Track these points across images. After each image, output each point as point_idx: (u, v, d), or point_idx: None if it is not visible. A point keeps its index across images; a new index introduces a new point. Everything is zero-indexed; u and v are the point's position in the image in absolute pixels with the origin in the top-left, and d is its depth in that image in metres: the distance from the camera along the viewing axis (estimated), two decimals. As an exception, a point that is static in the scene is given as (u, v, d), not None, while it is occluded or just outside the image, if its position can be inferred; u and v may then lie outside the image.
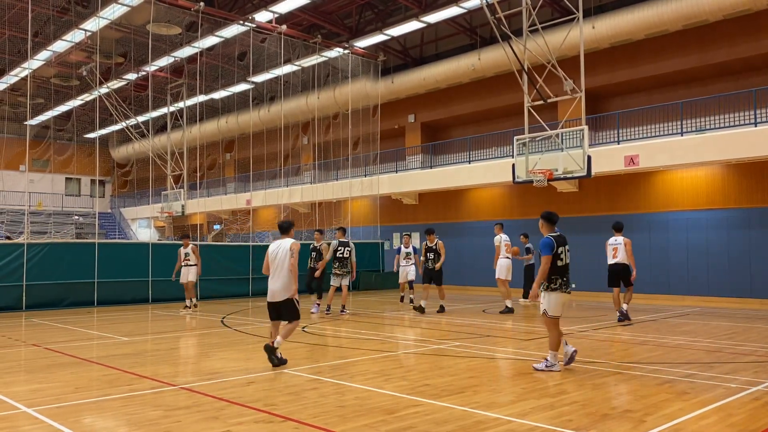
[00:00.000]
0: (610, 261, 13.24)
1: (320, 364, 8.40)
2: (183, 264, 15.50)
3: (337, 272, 14.54)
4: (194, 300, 15.92)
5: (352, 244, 14.93)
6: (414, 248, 16.84)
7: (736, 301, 17.12)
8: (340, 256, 14.48)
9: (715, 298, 17.58)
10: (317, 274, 15.07)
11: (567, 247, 7.90)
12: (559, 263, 7.76)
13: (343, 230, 15.17)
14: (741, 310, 15.71)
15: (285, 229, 8.47)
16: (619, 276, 13.12)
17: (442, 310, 14.88)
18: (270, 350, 8.01)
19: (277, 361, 8.00)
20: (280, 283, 8.11)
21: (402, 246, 16.83)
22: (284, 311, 8.18)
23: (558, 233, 7.98)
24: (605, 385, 6.94)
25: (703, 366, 8.09)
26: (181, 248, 15.69)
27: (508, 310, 14.75)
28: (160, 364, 8.52)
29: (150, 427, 5.35)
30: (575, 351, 7.94)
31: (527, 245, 17.69)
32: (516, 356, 9.05)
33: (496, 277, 15.68)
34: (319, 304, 14.93)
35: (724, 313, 14.74)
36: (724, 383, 7.00)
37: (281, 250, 8.20)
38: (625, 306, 13.13)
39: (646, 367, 8.00)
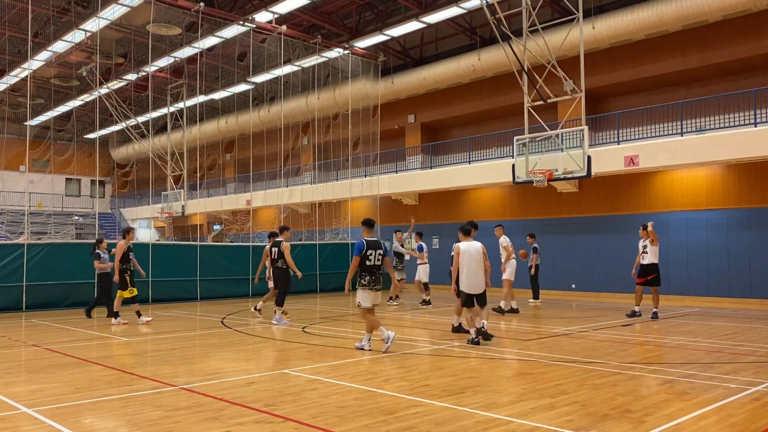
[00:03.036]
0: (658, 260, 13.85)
1: (320, 364, 8.41)
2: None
3: (397, 267, 16.88)
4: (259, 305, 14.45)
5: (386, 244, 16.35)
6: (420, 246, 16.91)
7: (736, 301, 17.12)
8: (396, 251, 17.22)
9: (715, 298, 17.58)
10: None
11: (379, 251, 9.19)
12: (368, 263, 9.09)
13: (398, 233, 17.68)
14: (741, 310, 15.71)
15: (468, 231, 10.34)
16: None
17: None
18: (484, 334, 9.97)
19: (487, 337, 9.95)
20: (480, 279, 10.00)
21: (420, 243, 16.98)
22: (481, 300, 10.08)
23: (374, 239, 9.24)
24: (605, 385, 6.94)
25: (703, 366, 8.09)
26: (270, 246, 13.70)
27: (514, 311, 14.69)
28: (160, 365, 8.52)
29: (150, 428, 5.35)
30: (394, 335, 9.25)
31: (534, 245, 17.70)
32: (516, 356, 9.05)
33: (506, 278, 15.05)
34: (285, 312, 13.28)
35: (724, 314, 14.75)
36: (724, 383, 7.00)
37: (475, 250, 10.00)
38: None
39: (646, 367, 8.00)
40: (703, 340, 10.45)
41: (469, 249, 9.99)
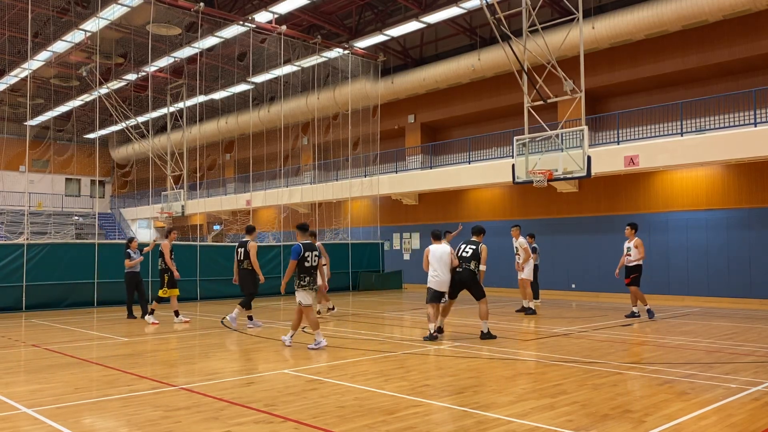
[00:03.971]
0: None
1: (320, 364, 8.41)
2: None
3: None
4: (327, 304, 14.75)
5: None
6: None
7: (736, 302, 17.12)
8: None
9: (715, 298, 17.58)
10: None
11: (315, 252, 9.62)
12: (306, 264, 9.45)
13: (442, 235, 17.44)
14: (741, 310, 15.71)
15: (438, 236, 10.77)
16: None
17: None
18: (485, 335, 10.45)
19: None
20: (447, 279, 10.44)
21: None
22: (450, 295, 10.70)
23: (308, 242, 9.68)
24: (605, 385, 6.94)
25: (703, 366, 8.09)
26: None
27: (532, 311, 14.77)
28: (160, 365, 8.52)
29: (150, 428, 5.35)
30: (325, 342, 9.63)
31: (533, 245, 17.69)
32: (516, 356, 9.05)
33: (525, 278, 15.07)
34: (252, 317, 12.52)
35: (724, 314, 14.74)
36: (724, 383, 7.00)
37: (443, 252, 10.45)
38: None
39: (646, 367, 8.00)
40: (703, 340, 10.45)
41: (436, 252, 10.53)
